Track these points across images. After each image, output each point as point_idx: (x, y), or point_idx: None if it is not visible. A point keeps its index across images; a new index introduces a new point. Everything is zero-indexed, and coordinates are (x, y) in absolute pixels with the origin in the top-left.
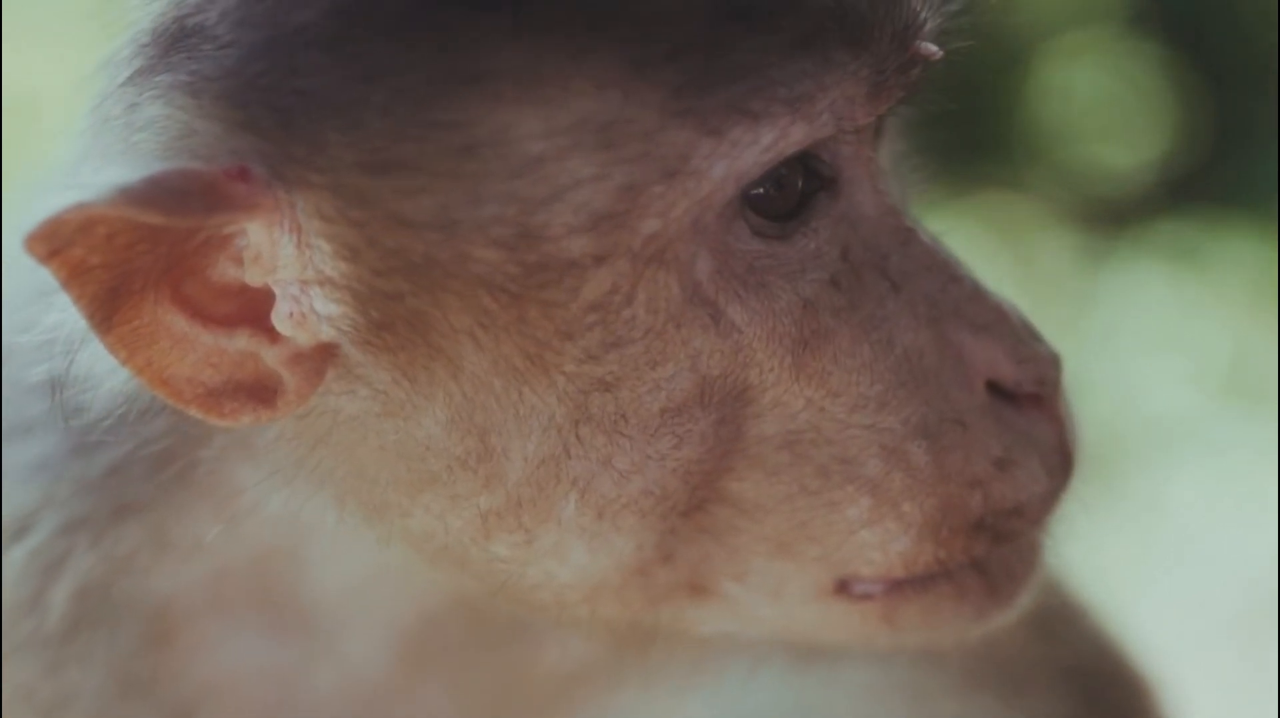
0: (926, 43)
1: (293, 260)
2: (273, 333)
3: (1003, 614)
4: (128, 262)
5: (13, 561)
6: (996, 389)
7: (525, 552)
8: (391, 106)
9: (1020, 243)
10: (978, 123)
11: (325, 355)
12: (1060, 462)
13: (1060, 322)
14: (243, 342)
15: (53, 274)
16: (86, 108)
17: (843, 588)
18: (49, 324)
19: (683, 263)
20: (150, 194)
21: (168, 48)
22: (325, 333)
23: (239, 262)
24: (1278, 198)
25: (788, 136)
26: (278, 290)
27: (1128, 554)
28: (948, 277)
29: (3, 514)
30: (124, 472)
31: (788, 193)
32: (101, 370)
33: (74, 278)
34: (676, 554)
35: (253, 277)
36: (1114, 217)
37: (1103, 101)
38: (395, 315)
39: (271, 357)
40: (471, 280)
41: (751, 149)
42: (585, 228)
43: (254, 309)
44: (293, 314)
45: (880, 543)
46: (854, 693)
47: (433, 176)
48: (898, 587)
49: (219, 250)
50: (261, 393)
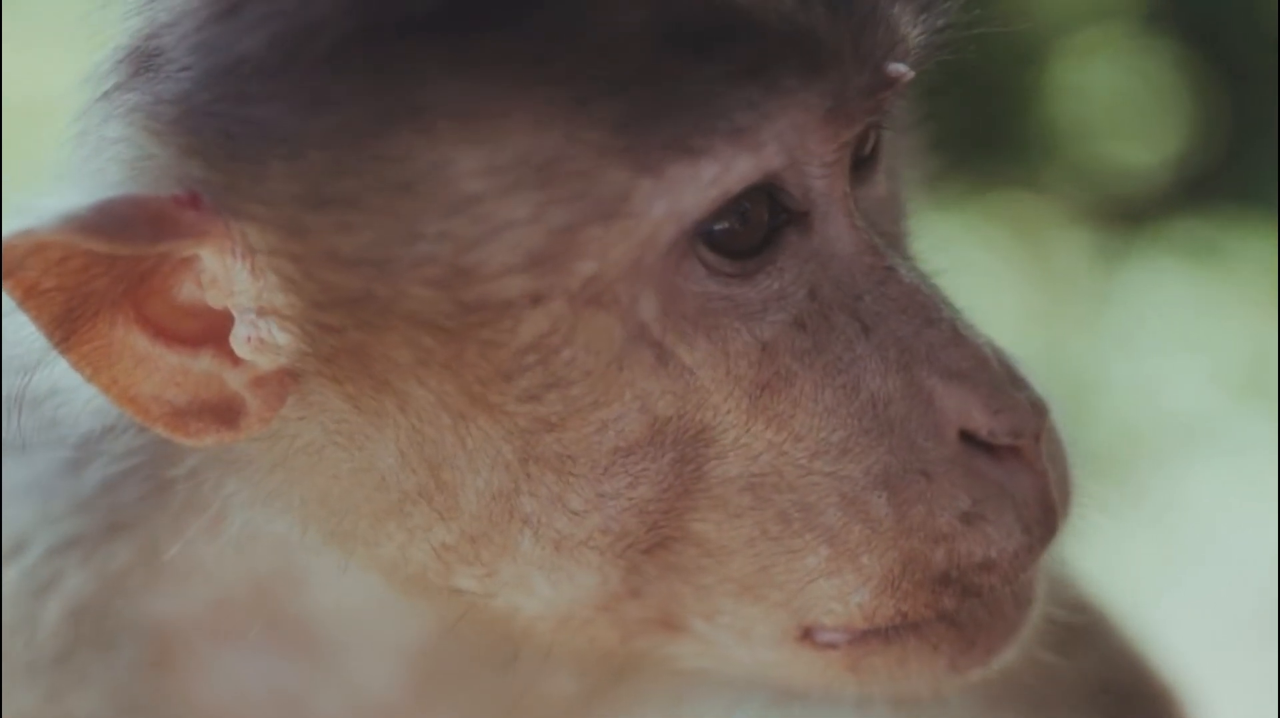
0: (895, 64)
1: (246, 287)
2: (235, 355)
3: (981, 669)
4: (83, 284)
5: (7, 581)
6: (973, 439)
7: (488, 584)
8: (331, 140)
9: (1037, 241)
10: (994, 121)
11: (285, 380)
12: (1041, 516)
13: (1077, 321)
14: (206, 362)
15: (9, 295)
16: (71, 119)
17: (807, 635)
18: (15, 340)
19: (624, 304)
20: (95, 222)
21: (137, 66)
22: (281, 359)
23: (201, 283)
24: None
25: (730, 171)
26: (236, 315)
27: (1146, 553)
28: (924, 319)
29: None
30: (116, 490)
31: (752, 228)
32: (70, 385)
33: (29, 299)
34: (645, 590)
35: (213, 299)
36: (1130, 215)
37: (1119, 99)
38: (339, 348)
39: (233, 378)
40: (409, 318)
41: (692, 187)
42: (521, 268)
43: (217, 330)
44: (250, 339)
45: (839, 594)
46: (873, 711)
47: (369, 212)
48: (863, 637)
49: (183, 271)
50: (226, 414)
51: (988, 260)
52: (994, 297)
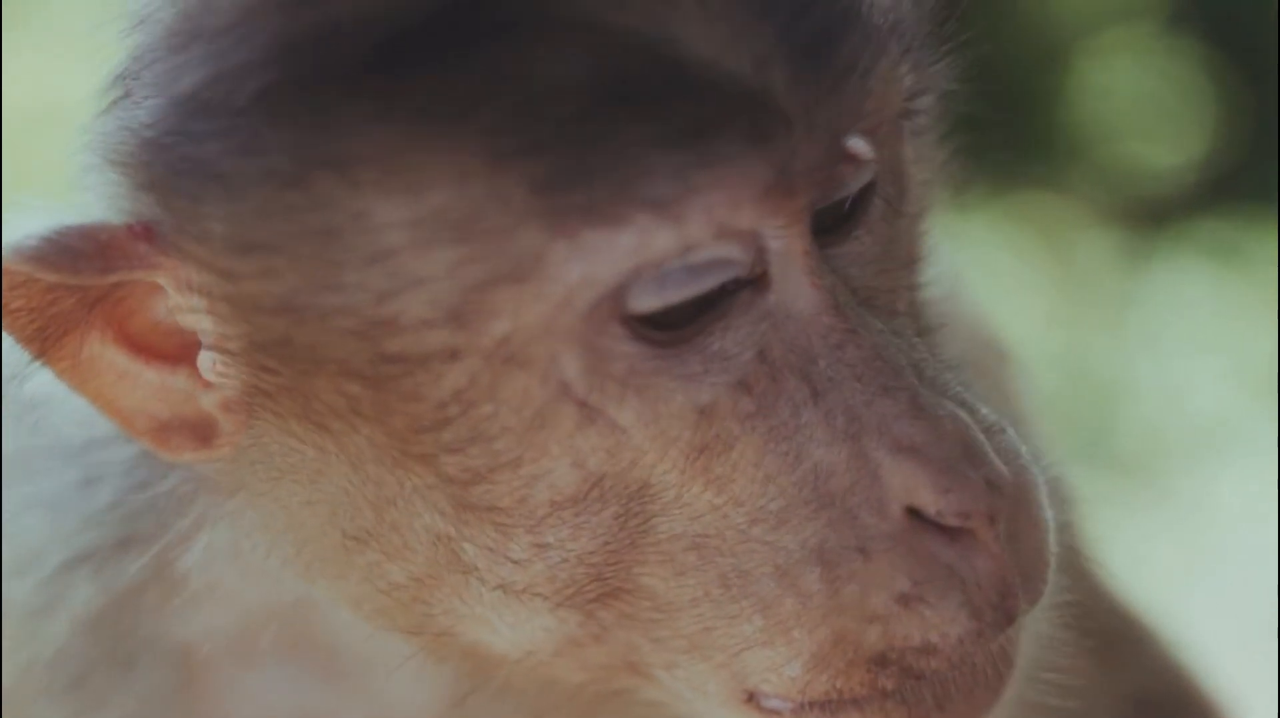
0: (855, 139)
1: (201, 317)
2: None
3: None
4: (51, 305)
5: (18, 597)
6: (924, 517)
7: (442, 623)
8: (259, 184)
9: (1060, 242)
10: (1017, 122)
11: (249, 406)
12: (996, 599)
13: (1100, 321)
14: (183, 380)
15: None
16: (75, 133)
17: (752, 698)
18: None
19: (543, 364)
20: (42, 253)
21: (122, 90)
22: (238, 388)
23: (169, 307)
24: None
25: (650, 244)
26: (201, 339)
27: (1169, 554)
28: (879, 387)
29: (8, 549)
30: (127, 505)
31: (686, 302)
32: (61, 393)
33: (5, 316)
34: (606, 637)
35: (184, 321)
36: (1155, 215)
37: (1142, 100)
38: (279, 387)
39: (205, 399)
40: (333, 365)
41: (609, 255)
42: (438, 323)
43: (192, 350)
44: (214, 364)
45: (773, 665)
46: None
47: (293, 259)
48: (806, 707)
49: (158, 291)
50: (203, 431)
51: (1012, 261)
52: (1018, 298)
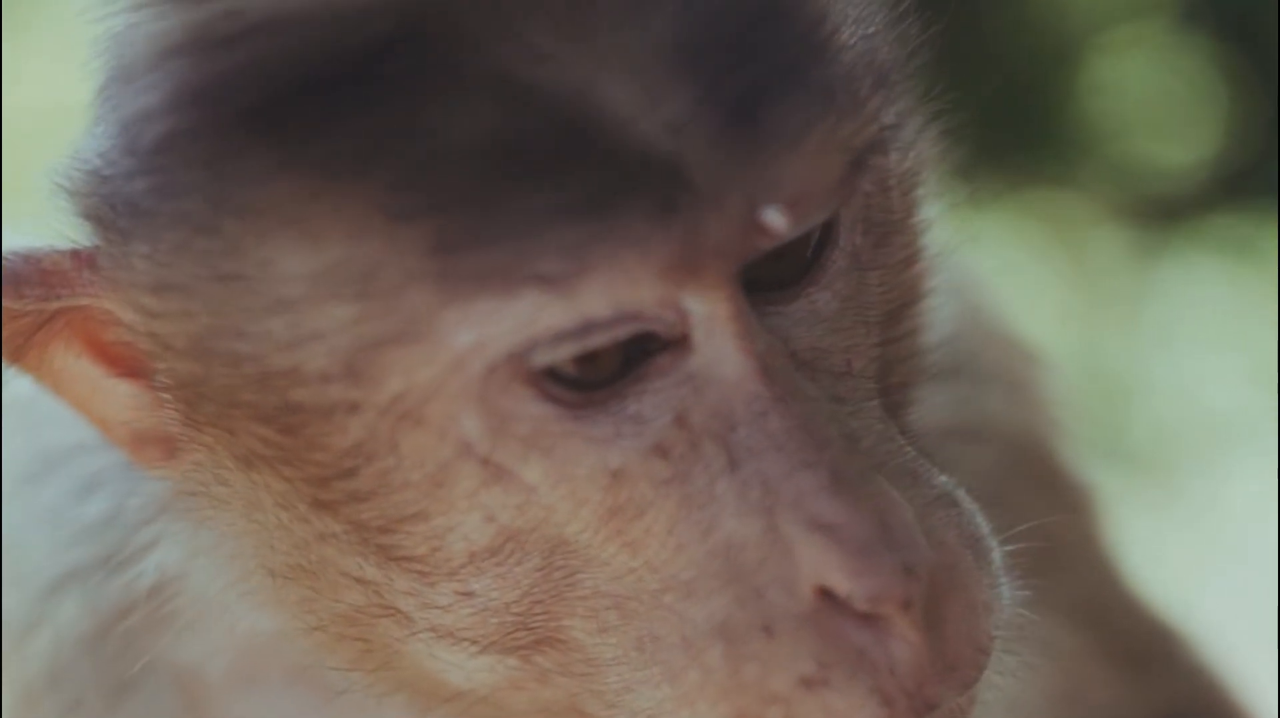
0: (772, 213)
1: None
2: None
3: None
4: (10, 321)
5: (14, 611)
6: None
7: (383, 657)
8: (175, 226)
9: (1073, 240)
10: (1030, 119)
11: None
12: (910, 688)
13: (1113, 319)
14: (146, 394)
15: None
16: (66, 144)
17: None
18: None
19: (440, 423)
20: None
21: (95, 109)
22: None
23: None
24: None
25: (541, 318)
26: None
27: (1184, 552)
28: (800, 461)
29: (7, 563)
30: (120, 520)
31: (600, 359)
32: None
33: None
34: (549, 679)
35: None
36: (1167, 212)
37: (1155, 97)
38: (205, 420)
39: (165, 415)
40: (247, 408)
41: (499, 324)
42: (336, 377)
43: (151, 366)
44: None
45: None
46: None
47: (205, 303)
48: None
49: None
50: (169, 445)
51: (1024, 259)
52: (1031, 295)
